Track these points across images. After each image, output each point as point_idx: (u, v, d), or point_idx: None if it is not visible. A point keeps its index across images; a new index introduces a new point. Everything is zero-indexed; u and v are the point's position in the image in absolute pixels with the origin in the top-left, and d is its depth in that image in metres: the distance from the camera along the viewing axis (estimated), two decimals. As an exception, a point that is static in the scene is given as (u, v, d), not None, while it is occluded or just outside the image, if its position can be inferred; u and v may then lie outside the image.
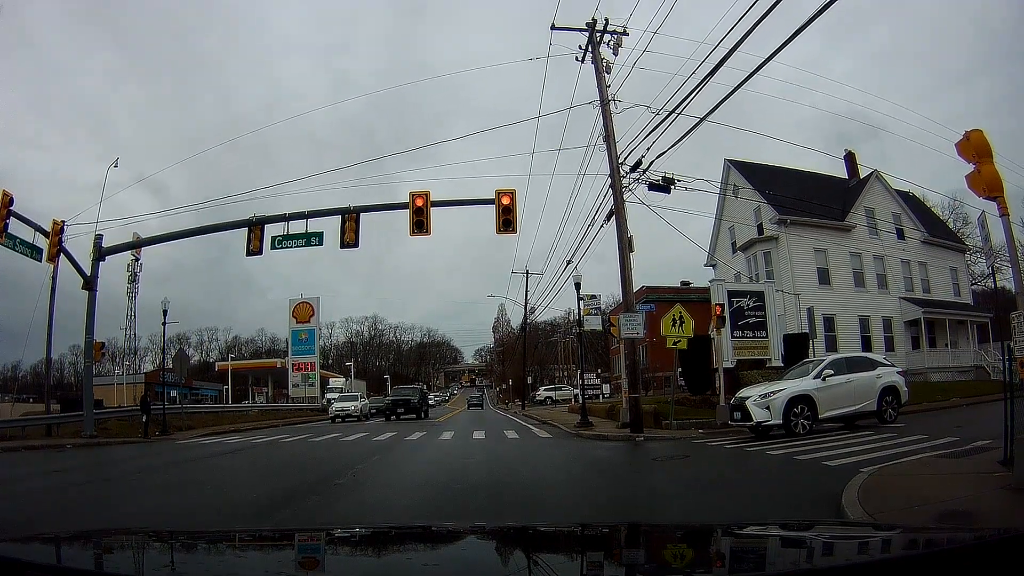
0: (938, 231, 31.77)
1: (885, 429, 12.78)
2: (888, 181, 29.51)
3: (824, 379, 12.91)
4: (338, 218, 17.76)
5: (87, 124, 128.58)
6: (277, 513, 6.55)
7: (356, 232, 17.44)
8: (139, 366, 62.94)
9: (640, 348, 21.89)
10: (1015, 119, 76.81)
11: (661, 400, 19.92)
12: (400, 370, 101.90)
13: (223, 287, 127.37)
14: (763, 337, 20.65)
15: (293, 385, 47.83)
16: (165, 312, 24.84)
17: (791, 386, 12.97)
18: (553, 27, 16.93)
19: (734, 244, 30.63)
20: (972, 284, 33.78)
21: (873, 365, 14.06)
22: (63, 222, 19.04)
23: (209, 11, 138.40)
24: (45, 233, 18.78)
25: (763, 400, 12.67)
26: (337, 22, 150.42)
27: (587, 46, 16.89)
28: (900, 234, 28.88)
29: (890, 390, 13.69)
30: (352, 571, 1.85)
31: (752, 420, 12.61)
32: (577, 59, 17.16)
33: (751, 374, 19.82)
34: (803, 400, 12.61)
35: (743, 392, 13.74)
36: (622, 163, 16.40)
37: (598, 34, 16.72)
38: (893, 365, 15.09)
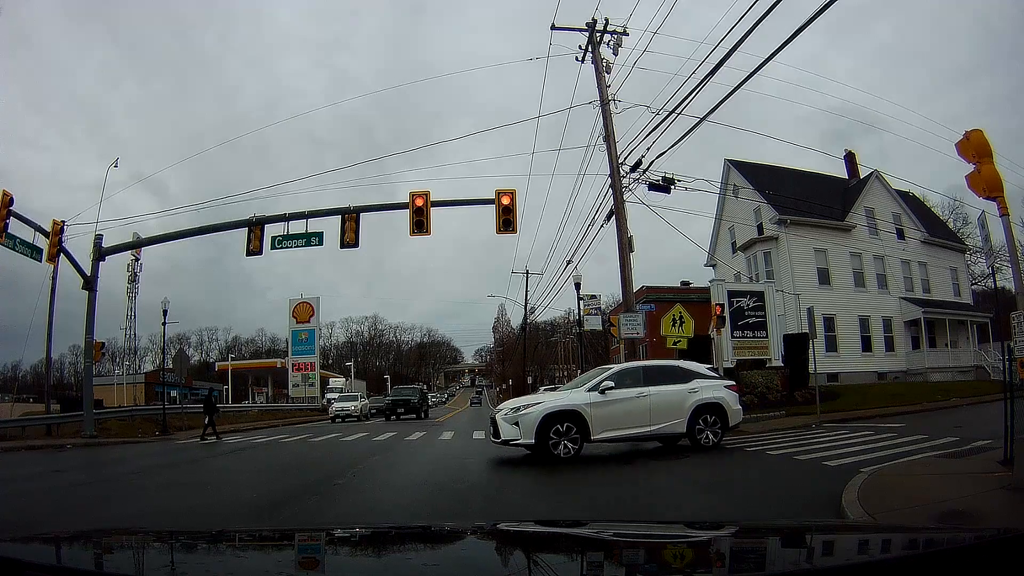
0: (938, 231, 31.77)
1: (885, 429, 12.73)
2: (888, 181, 29.53)
3: (603, 391, 10.38)
4: (338, 218, 17.75)
5: (86, 123, 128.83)
6: (277, 513, 6.55)
7: (356, 232, 17.43)
8: (139, 366, 62.88)
9: (640, 348, 21.89)
10: (1016, 119, 76.94)
11: (661, 400, 19.91)
12: (400, 370, 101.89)
13: (223, 287, 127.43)
14: (763, 337, 20.67)
15: (293, 385, 47.80)
16: (165, 312, 24.88)
17: (552, 400, 10.77)
18: (553, 27, 16.96)
19: (734, 244, 30.64)
20: (972, 284, 33.79)
21: (687, 376, 11.26)
22: (63, 222, 19.03)
23: (208, 8, 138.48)
24: (45, 233, 18.77)
25: (513, 415, 10.27)
26: (337, 20, 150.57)
27: (587, 46, 16.91)
28: (900, 234, 28.88)
29: (710, 408, 11.03)
30: (352, 571, 1.85)
31: (500, 437, 10.35)
32: (577, 59, 17.19)
33: (751, 374, 19.86)
34: (569, 417, 10.12)
35: (502, 404, 11.77)
36: (622, 163, 16.43)
37: (598, 34, 16.74)
38: (721, 377, 12.66)
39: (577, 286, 23.36)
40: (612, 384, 10.51)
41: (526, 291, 44.27)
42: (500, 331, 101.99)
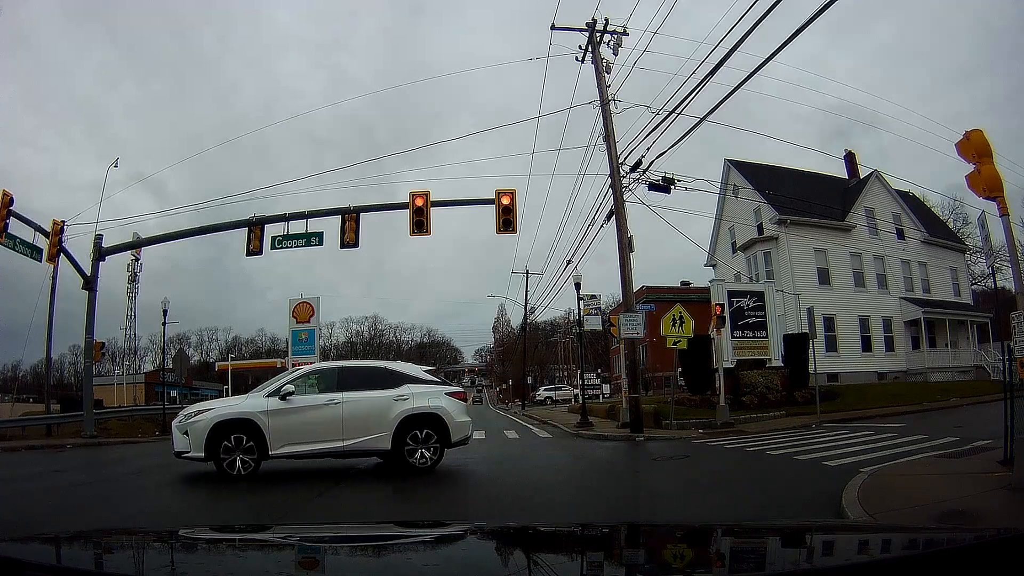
0: (938, 231, 31.77)
1: (885, 429, 12.73)
2: (888, 181, 29.53)
3: (284, 397, 8.88)
4: (338, 218, 17.74)
5: (85, 123, 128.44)
6: (276, 512, 6.56)
7: (356, 232, 17.42)
8: (139, 366, 62.94)
9: (640, 348, 21.89)
10: (1016, 119, 76.91)
11: (661, 400, 19.94)
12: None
13: (223, 287, 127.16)
14: (763, 337, 20.66)
15: (293, 385, 47.77)
16: (165, 312, 24.89)
17: (225, 405, 9.34)
18: (553, 27, 16.95)
19: (734, 244, 30.63)
20: (972, 284, 33.78)
21: (396, 380, 9.38)
22: (63, 222, 19.03)
23: (207, 8, 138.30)
24: (45, 233, 18.77)
25: (184, 422, 8.94)
26: (336, 21, 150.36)
27: (587, 46, 16.90)
28: (900, 234, 28.88)
29: (425, 420, 9.12)
30: (352, 571, 1.85)
31: (175, 448, 9.04)
32: (577, 59, 17.18)
33: (751, 374, 19.86)
34: (243, 427, 8.69)
35: (186, 408, 10.10)
36: (622, 163, 16.42)
37: (598, 34, 16.73)
38: (443, 382, 10.66)
39: (577, 286, 23.33)
40: (294, 388, 8.98)
41: (526, 291, 44.27)
42: (500, 331, 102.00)
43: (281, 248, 18.31)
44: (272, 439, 8.71)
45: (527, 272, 43.70)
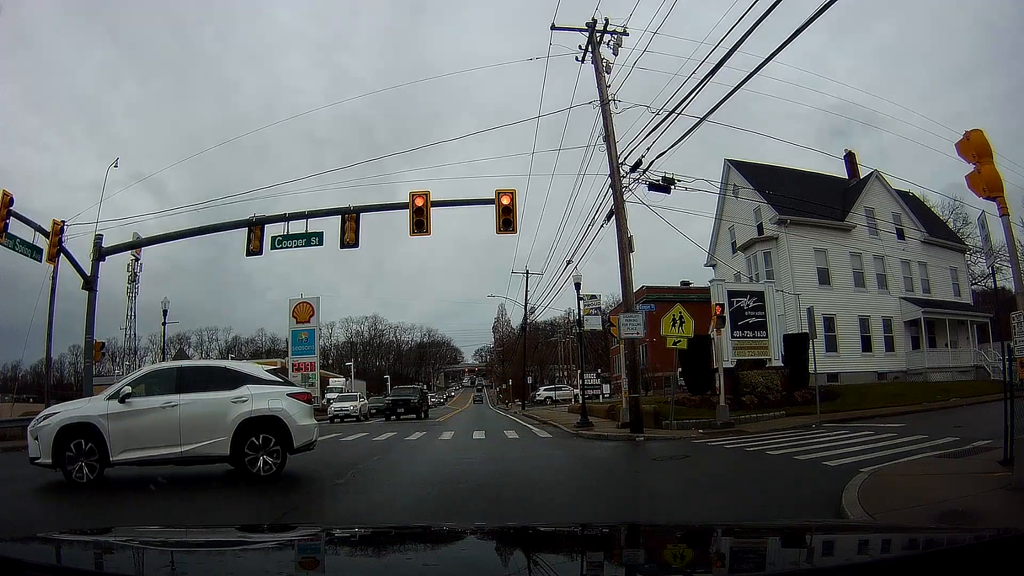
0: (938, 231, 31.76)
1: (885, 429, 12.71)
2: (888, 181, 29.52)
3: (123, 400, 8.34)
4: (338, 218, 17.73)
5: (86, 123, 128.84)
6: (277, 513, 6.56)
7: (356, 232, 17.41)
8: (139, 366, 62.80)
9: (640, 348, 21.88)
10: (1016, 119, 76.97)
11: (661, 400, 19.93)
12: (400, 370, 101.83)
13: (223, 287, 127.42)
14: (763, 337, 20.65)
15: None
16: (165, 312, 24.96)
17: (70, 409, 8.84)
18: (553, 27, 16.93)
19: (734, 244, 30.63)
20: (972, 284, 33.77)
21: (235, 380, 8.74)
22: (63, 222, 19.01)
23: (207, 8, 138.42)
24: (45, 233, 18.75)
25: (35, 426, 8.59)
26: (336, 20, 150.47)
27: (587, 46, 16.89)
28: (900, 234, 28.87)
29: (264, 423, 8.52)
30: (352, 571, 1.85)
31: (29, 454, 8.63)
32: (577, 59, 17.16)
33: (751, 374, 19.85)
34: (85, 432, 8.21)
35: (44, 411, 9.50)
36: (622, 163, 16.41)
37: (598, 34, 16.72)
38: (286, 382, 9.92)
39: (577, 286, 23.34)
40: (131, 390, 8.46)
41: (526, 291, 44.27)
42: (500, 331, 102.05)
43: (281, 248, 18.29)
44: (112, 444, 8.18)
45: (527, 272, 43.74)
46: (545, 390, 55.39)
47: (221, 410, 8.44)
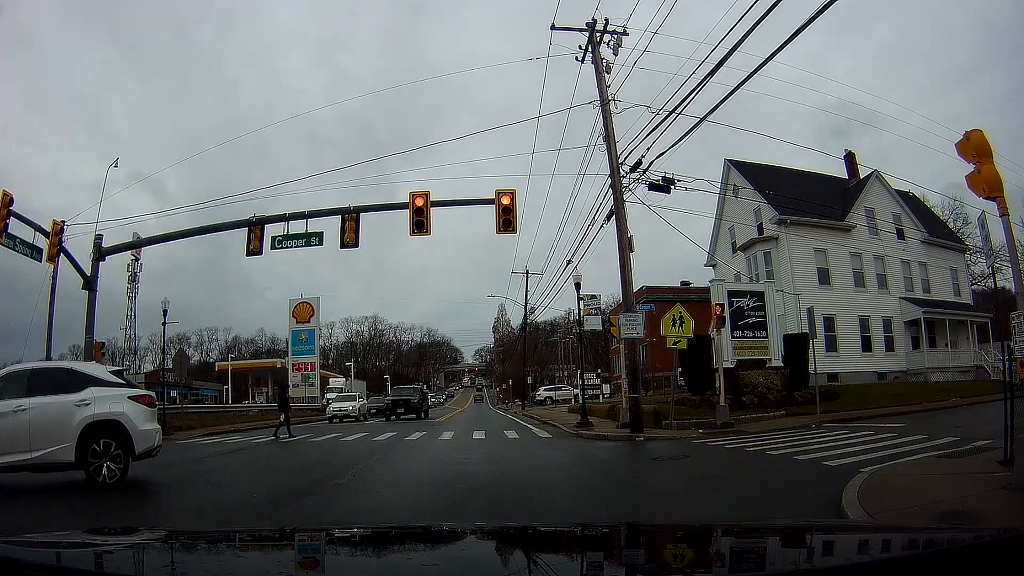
0: (938, 231, 31.76)
1: (885, 429, 12.71)
2: (888, 181, 29.53)
3: None
4: (338, 218, 17.73)
5: (86, 123, 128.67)
6: (277, 513, 6.56)
7: (356, 232, 17.41)
8: (139, 366, 62.87)
9: (640, 348, 21.89)
10: (1016, 119, 76.96)
11: (661, 400, 19.93)
12: (400, 370, 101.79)
13: (223, 287, 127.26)
14: (763, 337, 20.66)
15: (293, 385, 47.76)
16: (165, 312, 24.86)
17: None
18: (553, 27, 16.93)
19: (734, 244, 30.63)
20: (972, 284, 33.76)
21: (80, 383, 8.34)
22: (63, 222, 19.01)
23: (207, 7, 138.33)
24: (45, 233, 18.75)
25: None
26: (336, 20, 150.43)
27: (587, 46, 16.89)
28: (900, 234, 28.87)
29: (106, 428, 8.14)
30: (352, 571, 1.85)
31: None
32: (577, 59, 17.16)
33: (751, 374, 19.86)
34: None
35: None
36: (622, 163, 16.41)
37: (598, 34, 16.72)
38: (129, 384, 9.28)
39: (577, 286, 23.33)
40: None
41: (526, 291, 44.25)
42: (500, 331, 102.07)
43: (281, 248, 18.30)
44: None
45: (527, 272, 43.71)
46: (545, 390, 55.40)
47: (67, 414, 8.05)
